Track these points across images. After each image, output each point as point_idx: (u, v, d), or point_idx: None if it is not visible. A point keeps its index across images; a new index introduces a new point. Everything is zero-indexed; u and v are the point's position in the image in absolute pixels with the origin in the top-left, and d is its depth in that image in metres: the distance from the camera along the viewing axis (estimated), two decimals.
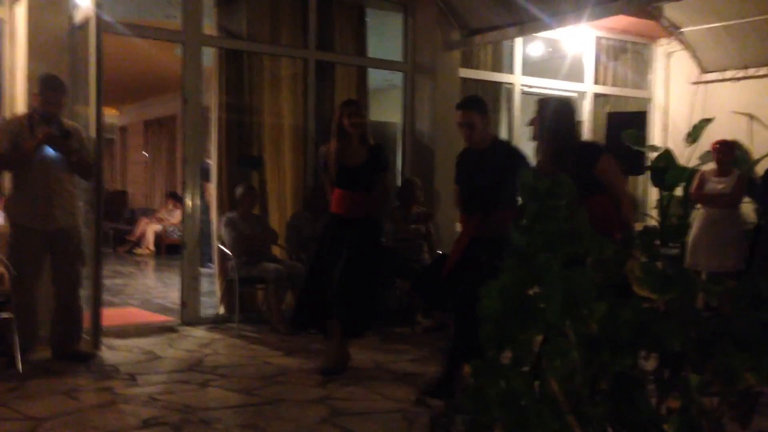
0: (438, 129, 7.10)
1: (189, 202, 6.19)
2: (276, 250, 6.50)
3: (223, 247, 6.26)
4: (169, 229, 11.89)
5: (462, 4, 6.90)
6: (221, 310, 6.39)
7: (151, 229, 12.24)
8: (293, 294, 6.09)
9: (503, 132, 7.63)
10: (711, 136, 7.16)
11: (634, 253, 1.28)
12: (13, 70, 5.60)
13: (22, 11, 5.40)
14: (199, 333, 5.85)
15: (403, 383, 4.49)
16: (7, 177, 5.03)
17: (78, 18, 5.43)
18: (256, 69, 6.60)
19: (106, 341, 5.22)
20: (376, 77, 7.74)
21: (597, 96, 8.31)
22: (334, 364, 4.68)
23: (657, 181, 7.85)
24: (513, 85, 7.76)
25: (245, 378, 4.59)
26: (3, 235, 4.89)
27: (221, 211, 6.43)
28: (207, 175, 7.21)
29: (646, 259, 1.34)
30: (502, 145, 4.57)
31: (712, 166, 6.70)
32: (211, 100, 6.54)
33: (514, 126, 7.73)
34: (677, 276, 1.27)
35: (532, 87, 7.87)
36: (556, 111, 4.03)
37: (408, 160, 7.33)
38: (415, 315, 6.40)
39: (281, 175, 6.75)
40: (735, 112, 7.69)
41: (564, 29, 7.30)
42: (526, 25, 6.50)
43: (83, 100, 5.41)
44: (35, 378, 4.42)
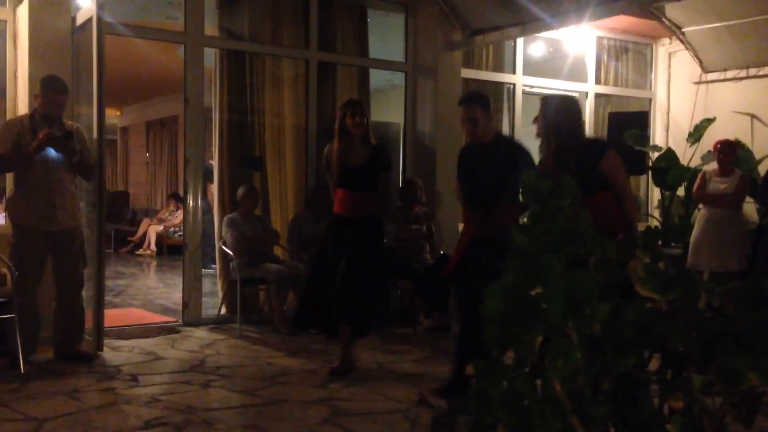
0: (439, 129, 7.10)
1: (191, 203, 6.19)
2: (278, 251, 6.50)
3: (224, 248, 6.27)
4: (171, 229, 11.90)
5: (463, 4, 6.90)
6: (223, 311, 6.39)
7: (153, 230, 12.25)
8: (295, 294, 6.10)
9: (505, 132, 7.63)
10: (713, 136, 7.16)
11: (636, 254, 1.28)
12: (15, 71, 5.61)
13: (24, 12, 5.40)
14: (200, 333, 5.85)
15: (405, 384, 4.49)
16: (9, 178, 5.04)
17: (80, 19, 5.44)
18: (257, 70, 6.61)
19: (108, 342, 5.23)
20: (378, 78, 7.75)
21: (598, 96, 8.31)
22: (346, 364, 4.69)
23: (659, 181, 7.85)
24: (514, 85, 7.76)
25: (247, 378, 4.59)
26: (5, 236, 4.89)
27: (223, 212, 6.44)
28: (210, 176, 7.21)
29: (649, 260, 1.34)
30: (505, 140, 4.55)
31: (713, 166, 6.69)
32: (213, 100, 6.54)
33: (515, 126, 7.73)
34: (680, 276, 1.27)
35: (533, 87, 7.88)
36: (560, 108, 4.02)
37: (409, 160, 7.33)
38: (417, 315, 6.40)
39: (283, 175, 6.75)
40: (737, 112, 7.69)
41: (565, 29, 7.30)
42: (528, 25, 6.50)
43: (85, 101, 5.42)
44: (37, 378, 4.43)
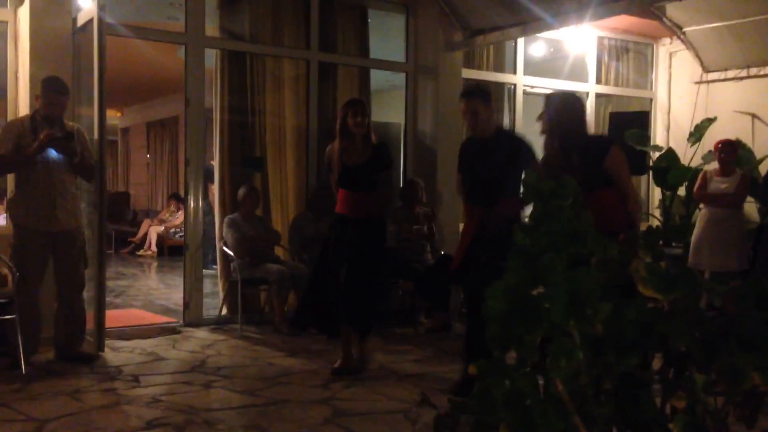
0: (440, 129, 7.10)
1: (191, 204, 6.19)
2: (279, 251, 6.50)
3: (225, 249, 6.27)
4: (172, 230, 11.90)
5: (464, 4, 6.90)
6: (224, 311, 6.39)
7: (154, 231, 12.25)
8: (296, 295, 6.10)
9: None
10: (713, 136, 7.15)
11: (639, 253, 1.28)
12: (16, 72, 5.61)
13: (25, 13, 5.41)
14: (201, 334, 5.85)
15: (406, 384, 4.49)
16: (10, 179, 5.04)
17: (81, 20, 5.44)
18: (258, 70, 6.61)
19: (109, 342, 5.23)
20: (379, 78, 7.74)
21: (599, 96, 8.31)
22: (351, 363, 4.70)
23: (659, 181, 7.84)
24: (515, 85, 7.76)
25: (248, 379, 4.59)
26: (6, 237, 4.90)
27: (224, 212, 6.44)
28: (211, 177, 7.21)
29: (651, 259, 1.34)
30: (507, 134, 4.53)
31: (714, 165, 6.69)
32: (214, 101, 6.54)
33: (516, 126, 7.73)
34: (681, 276, 1.27)
35: (534, 87, 7.88)
36: (564, 105, 4.02)
37: (410, 160, 7.32)
38: (418, 315, 6.40)
39: (283, 176, 6.75)
40: (737, 112, 7.69)
41: (566, 29, 7.29)
42: (529, 25, 6.49)
43: (86, 102, 5.42)
44: (39, 379, 4.43)
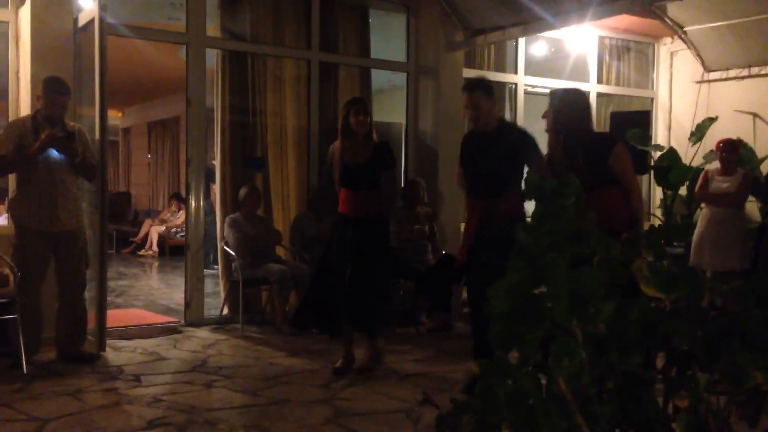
0: (441, 129, 7.10)
1: (193, 204, 6.19)
2: (280, 251, 6.50)
3: (227, 248, 6.27)
4: (173, 230, 11.90)
5: (465, 4, 6.89)
6: (225, 311, 6.39)
7: (155, 231, 12.25)
8: (297, 295, 6.10)
9: None
10: (715, 135, 7.14)
11: (641, 252, 1.28)
12: (17, 72, 5.61)
13: (26, 13, 5.41)
14: (203, 334, 5.85)
15: (407, 383, 4.49)
16: (12, 178, 5.04)
17: (82, 20, 5.44)
18: (259, 70, 6.61)
19: (110, 342, 5.24)
20: (380, 78, 7.74)
21: (600, 95, 8.30)
22: (368, 362, 4.70)
23: (661, 181, 7.83)
24: (516, 85, 7.76)
25: (249, 379, 4.59)
26: (8, 237, 4.90)
27: (225, 212, 6.44)
28: (213, 177, 7.21)
29: (653, 259, 1.34)
30: (509, 127, 4.51)
31: (716, 165, 6.68)
32: (215, 101, 6.54)
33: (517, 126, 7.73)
34: (684, 275, 1.27)
35: (535, 87, 7.88)
36: (569, 101, 4.02)
37: (411, 160, 7.32)
38: (419, 315, 6.40)
39: (285, 176, 6.75)
40: (739, 111, 7.68)
41: (567, 29, 7.29)
42: (530, 25, 6.49)
43: (87, 102, 5.42)
44: (40, 379, 4.43)
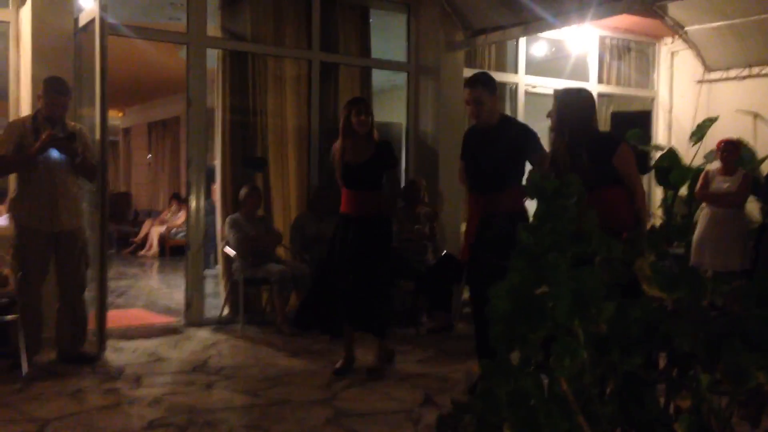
0: (442, 129, 7.09)
1: (193, 204, 6.19)
2: (280, 251, 6.50)
3: (227, 249, 6.26)
4: (173, 230, 11.90)
5: (465, 4, 6.89)
6: (225, 312, 6.39)
7: (156, 231, 12.25)
8: (297, 295, 6.09)
9: None
10: (715, 135, 7.14)
11: (644, 252, 1.28)
12: (17, 73, 5.61)
13: (26, 13, 5.41)
14: (203, 334, 5.85)
15: (408, 384, 4.49)
16: (12, 179, 5.04)
17: (82, 20, 5.44)
18: (260, 70, 6.61)
19: (110, 343, 5.23)
20: (380, 78, 7.74)
21: (601, 95, 8.29)
22: (379, 364, 4.70)
23: (661, 181, 7.83)
24: (517, 84, 7.76)
25: (250, 379, 4.59)
26: (8, 237, 4.90)
27: (225, 212, 6.44)
28: (214, 177, 7.21)
29: (655, 258, 1.33)
30: (511, 122, 4.51)
31: (716, 165, 6.68)
32: (215, 101, 6.54)
33: None
34: (685, 275, 1.27)
35: (535, 87, 7.87)
36: (574, 100, 4.02)
37: (412, 160, 7.32)
38: (419, 316, 6.39)
39: (285, 176, 6.75)
40: (739, 111, 7.68)
41: (567, 29, 7.28)
42: (530, 24, 6.49)
43: (88, 103, 5.42)
44: (40, 380, 4.43)
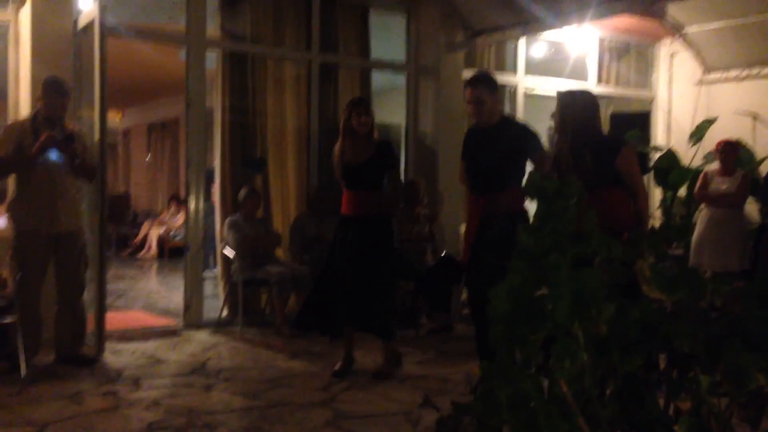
0: (441, 130, 7.09)
1: (192, 205, 6.18)
2: (280, 253, 6.49)
3: (226, 250, 6.25)
4: (172, 232, 11.90)
5: (465, 5, 6.89)
6: (225, 313, 6.38)
7: (155, 233, 12.24)
8: (297, 296, 6.09)
9: None
10: (714, 136, 7.14)
11: (644, 253, 1.28)
12: (17, 74, 5.61)
13: (26, 15, 5.41)
14: (202, 336, 5.84)
15: (407, 386, 4.48)
16: (11, 180, 5.03)
17: (82, 21, 5.44)
18: (259, 71, 6.60)
19: (109, 345, 5.22)
20: (380, 79, 7.73)
21: (600, 96, 8.26)
22: (388, 367, 4.69)
23: (660, 182, 7.83)
24: (516, 85, 7.76)
25: (249, 381, 4.58)
26: (7, 239, 4.89)
27: (225, 214, 6.43)
28: (214, 178, 7.20)
29: (654, 260, 1.33)
30: (511, 122, 4.51)
31: (715, 166, 6.69)
32: (215, 102, 6.54)
33: None
34: (685, 276, 1.26)
35: (535, 88, 7.87)
36: (577, 101, 4.02)
37: (411, 161, 7.32)
38: (419, 317, 6.38)
39: (285, 177, 6.75)
40: (738, 112, 7.68)
41: (567, 30, 7.29)
42: (530, 25, 6.48)
43: (87, 104, 5.42)
44: (39, 382, 4.41)
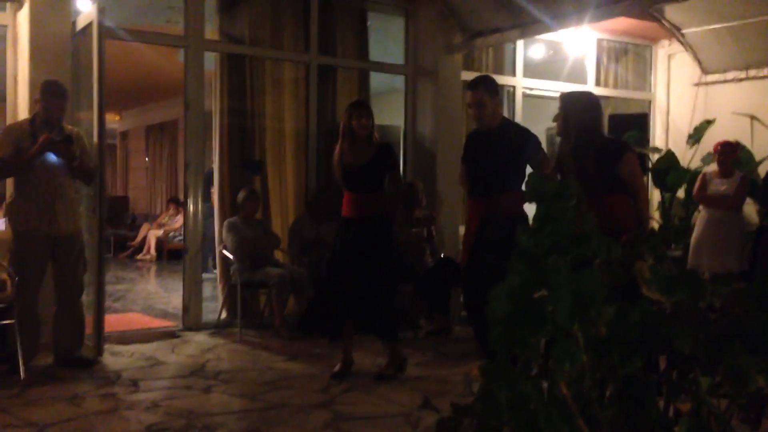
0: (440, 132, 7.09)
1: (191, 207, 6.18)
2: (278, 255, 6.49)
3: (225, 252, 6.25)
4: (171, 234, 11.89)
5: (463, 6, 6.90)
6: (223, 315, 6.38)
7: (153, 235, 12.24)
8: (296, 298, 6.09)
9: None
10: (713, 138, 7.15)
11: (643, 254, 1.28)
12: (15, 76, 5.60)
13: (24, 17, 5.41)
14: (201, 338, 5.84)
15: (407, 387, 4.47)
16: (9, 183, 5.03)
17: (80, 23, 5.44)
18: (258, 73, 6.60)
19: (108, 347, 5.22)
20: (378, 81, 7.74)
21: (598, 98, 8.29)
22: (393, 370, 4.68)
23: (659, 183, 7.84)
24: (515, 87, 7.76)
25: (248, 383, 4.58)
26: (5, 241, 4.88)
27: (223, 216, 6.43)
28: (213, 180, 7.19)
29: (653, 261, 1.33)
30: (511, 126, 4.52)
31: (714, 167, 6.69)
32: (214, 104, 6.54)
33: None
34: (685, 278, 1.26)
35: (533, 89, 7.88)
36: (579, 104, 4.02)
37: (410, 163, 7.32)
38: (418, 319, 6.38)
39: (283, 179, 6.75)
40: (737, 114, 7.69)
41: (565, 31, 7.29)
42: (528, 27, 6.49)
43: (85, 106, 5.42)
44: (38, 384, 4.41)
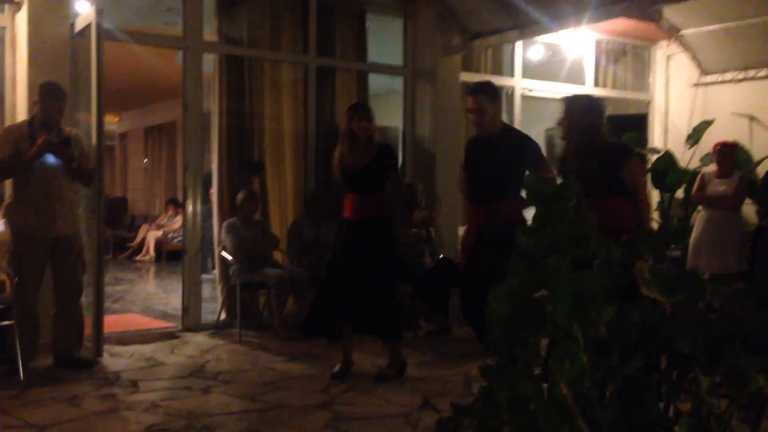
0: (439, 133, 7.10)
1: (190, 208, 6.18)
2: (277, 255, 6.49)
3: (224, 253, 6.25)
4: (170, 235, 11.89)
5: (462, 7, 6.90)
6: (223, 316, 6.37)
7: (152, 236, 12.24)
8: (295, 299, 6.09)
9: None
10: (711, 138, 7.16)
11: (643, 255, 1.28)
12: (14, 78, 5.60)
13: (22, 19, 5.40)
14: (200, 339, 5.84)
15: (406, 388, 4.48)
16: (8, 184, 5.02)
17: (79, 25, 5.44)
18: (256, 75, 6.60)
19: (107, 348, 5.22)
20: (377, 82, 7.74)
21: None
22: (388, 371, 4.67)
23: (658, 184, 7.84)
24: (513, 88, 7.77)
25: (247, 384, 4.58)
26: (4, 243, 4.88)
27: (222, 217, 6.43)
28: (211, 181, 7.19)
29: (653, 262, 1.33)
30: (512, 132, 4.52)
31: (713, 167, 6.70)
32: (212, 106, 6.54)
33: None
34: (684, 278, 1.27)
35: (532, 90, 7.89)
36: (584, 106, 4.03)
37: (409, 164, 7.32)
38: (418, 319, 6.39)
39: (282, 180, 6.74)
40: (735, 114, 7.69)
41: (564, 32, 7.30)
42: (527, 28, 6.49)
43: (84, 107, 5.41)
44: (37, 385, 4.41)
